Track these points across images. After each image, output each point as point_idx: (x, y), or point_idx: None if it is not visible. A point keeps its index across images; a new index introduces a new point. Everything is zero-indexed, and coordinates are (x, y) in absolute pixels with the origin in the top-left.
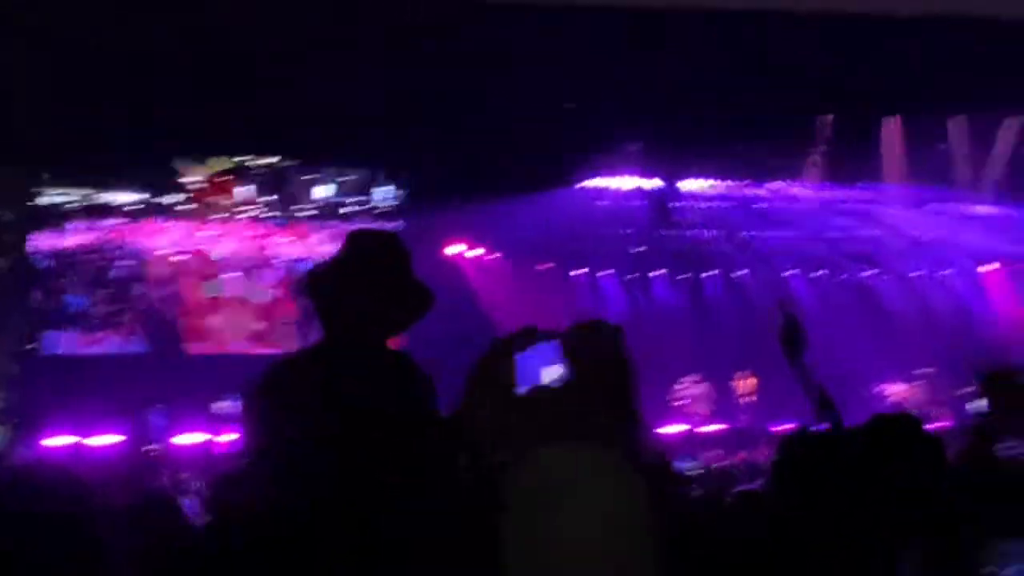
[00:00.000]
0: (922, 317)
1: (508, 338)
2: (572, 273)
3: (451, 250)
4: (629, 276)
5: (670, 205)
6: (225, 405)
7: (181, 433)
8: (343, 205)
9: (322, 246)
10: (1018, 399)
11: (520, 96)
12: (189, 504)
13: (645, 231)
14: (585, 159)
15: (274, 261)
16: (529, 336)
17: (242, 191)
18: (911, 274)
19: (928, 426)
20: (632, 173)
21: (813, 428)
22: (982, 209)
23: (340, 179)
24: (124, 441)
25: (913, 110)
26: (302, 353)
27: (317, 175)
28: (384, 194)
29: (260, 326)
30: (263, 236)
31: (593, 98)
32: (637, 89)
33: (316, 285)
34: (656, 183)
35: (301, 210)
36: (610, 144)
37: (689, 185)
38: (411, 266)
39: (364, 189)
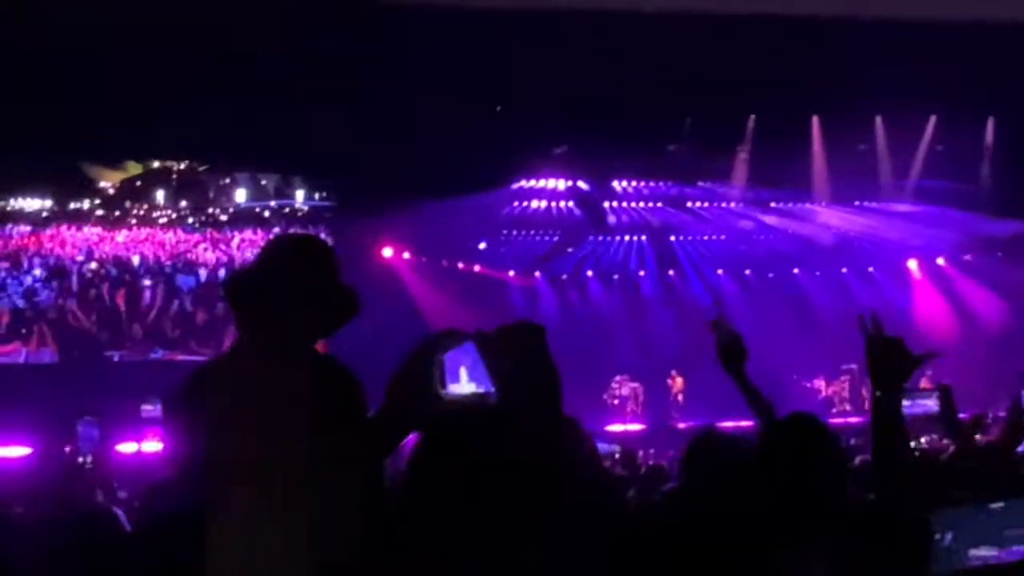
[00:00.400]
0: (847, 312)
1: (430, 339)
2: (503, 275)
3: (383, 252)
4: (563, 277)
5: (602, 206)
6: (151, 408)
7: (105, 442)
8: (264, 209)
9: (243, 250)
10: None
11: (450, 98)
12: (121, 515)
13: (578, 232)
14: (517, 161)
15: (194, 266)
16: (450, 338)
17: (158, 195)
18: (838, 270)
19: (851, 420)
20: (564, 175)
21: (719, 426)
22: (905, 207)
23: (261, 183)
24: (44, 451)
25: (839, 110)
26: (224, 358)
27: (237, 179)
28: (308, 197)
29: (180, 332)
30: (182, 241)
31: (525, 100)
32: (568, 91)
33: (238, 290)
34: (587, 185)
35: (220, 214)
36: (542, 146)
37: (620, 187)
38: (336, 269)
39: (287, 193)
